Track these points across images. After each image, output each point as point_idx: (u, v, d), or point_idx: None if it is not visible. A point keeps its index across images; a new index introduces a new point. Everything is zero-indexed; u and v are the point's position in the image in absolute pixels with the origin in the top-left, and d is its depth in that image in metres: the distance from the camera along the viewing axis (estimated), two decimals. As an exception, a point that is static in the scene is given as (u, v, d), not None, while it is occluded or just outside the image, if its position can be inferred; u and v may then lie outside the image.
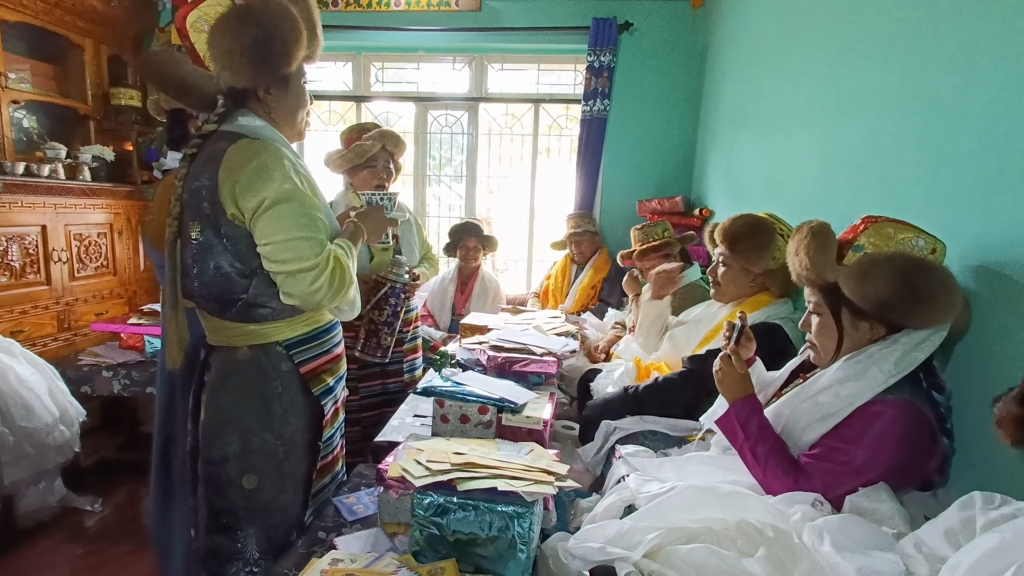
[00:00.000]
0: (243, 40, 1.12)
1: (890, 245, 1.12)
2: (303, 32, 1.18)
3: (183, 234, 1.23)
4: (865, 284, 1.08)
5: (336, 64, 3.89)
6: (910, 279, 1.04)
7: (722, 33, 3.00)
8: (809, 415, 1.15)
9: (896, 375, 1.07)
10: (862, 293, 1.09)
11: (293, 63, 1.20)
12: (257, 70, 1.16)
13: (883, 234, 1.14)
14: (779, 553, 0.92)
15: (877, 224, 1.15)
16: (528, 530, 1.00)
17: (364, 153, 2.14)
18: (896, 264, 1.06)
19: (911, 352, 1.08)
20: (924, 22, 1.35)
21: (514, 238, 4.07)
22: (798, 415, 1.17)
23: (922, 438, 1.05)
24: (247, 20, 1.12)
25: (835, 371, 1.15)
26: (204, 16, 1.12)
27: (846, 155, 1.68)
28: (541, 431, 1.36)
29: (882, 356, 1.09)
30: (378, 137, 2.16)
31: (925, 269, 1.06)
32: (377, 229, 1.47)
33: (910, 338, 1.09)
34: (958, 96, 1.22)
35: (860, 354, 1.12)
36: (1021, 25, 1.06)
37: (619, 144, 3.49)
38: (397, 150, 2.22)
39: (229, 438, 1.25)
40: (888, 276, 1.06)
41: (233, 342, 1.27)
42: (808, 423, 1.15)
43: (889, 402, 1.06)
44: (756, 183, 2.43)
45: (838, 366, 1.15)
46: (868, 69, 1.59)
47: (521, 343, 1.85)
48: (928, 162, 1.31)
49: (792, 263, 1.22)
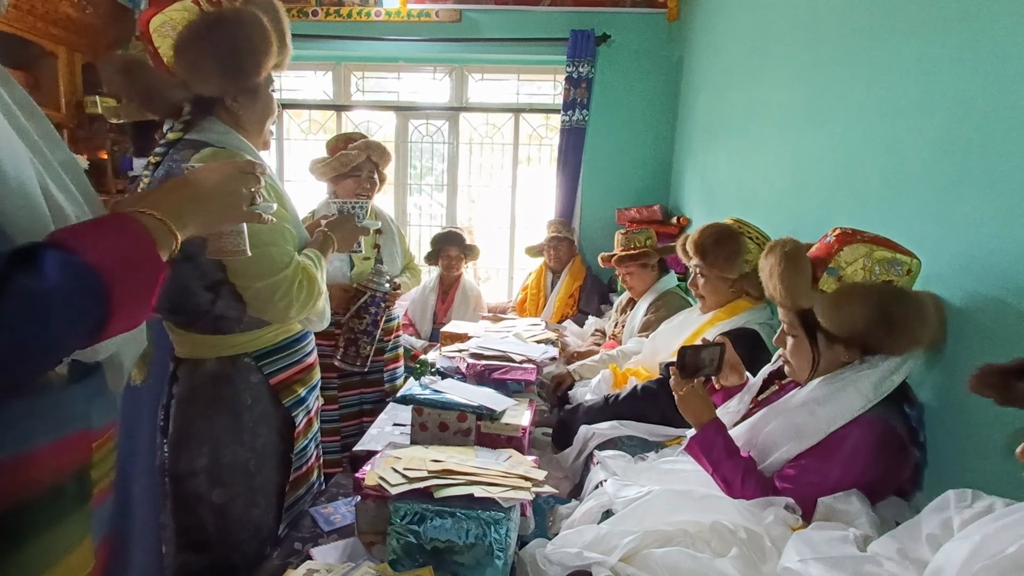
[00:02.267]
0: (213, 50, 1.11)
1: (866, 267, 1.11)
2: (273, 42, 1.17)
3: None
4: (841, 316, 1.07)
5: (316, 73, 3.89)
6: (887, 312, 1.04)
7: (697, 46, 3.06)
8: (784, 433, 1.14)
9: (874, 400, 1.07)
10: (838, 324, 1.08)
11: (263, 72, 1.19)
12: (226, 79, 1.15)
13: (859, 254, 1.11)
14: (750, 553, 0.93)
15: (852, 244, 1.13)
16: (505, 536, 1.00)
17: (348, 162, 2.14)
18: (872, 297, 1.05)
19: (889, 376, 1.08)
20: (886, 36, 1.40)
21: (495, 247, 4.09)
22: (774, 432, 1.17)
23: (893, 453, 1.05)
24: (218, 29, 1.10)
25: (812, 389, 1.14)
26: (169, 21, 1.10)
27: (814, 164, 1.73)
28: (520, 438, 1.36)
29: (860, 379, 1.08)
30: (364, 147, 2.16)
31: (901, 301, 1.05)
32: (348, 239, 1.45)
33: (887, 363, 1.08)
34: (919, 107, 1.27)
35: (838, 377, 1.12)
36: (976, 39, 1.11)
37: (598, 153, 3.54)
38: (382, 161, 2.22)
39: (198, 452, 1.23)
40: (864, 308, 1.05)
41: (201, 354, 1.24)
42: (784, 441, 1.14)
43: (862, 420, 1.06)
44: (729, 192, 2.48)
45: (815, 385, 1.14)
46: (834, 81, 1.64)
47: (501, 350, 1.85)
48: (892, 170, 1.36)
49: (765, 284, 1.21)
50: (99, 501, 0.73)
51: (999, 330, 1.02)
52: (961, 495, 0.82)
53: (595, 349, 2.48)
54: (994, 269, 1.05)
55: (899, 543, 0.85)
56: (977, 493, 0.82)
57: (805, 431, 1.10)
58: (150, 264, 0.64)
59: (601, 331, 2.66)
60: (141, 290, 0.63)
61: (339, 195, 2.18)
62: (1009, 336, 1.00)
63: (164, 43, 1.11)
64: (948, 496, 0.84)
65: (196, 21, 1.11)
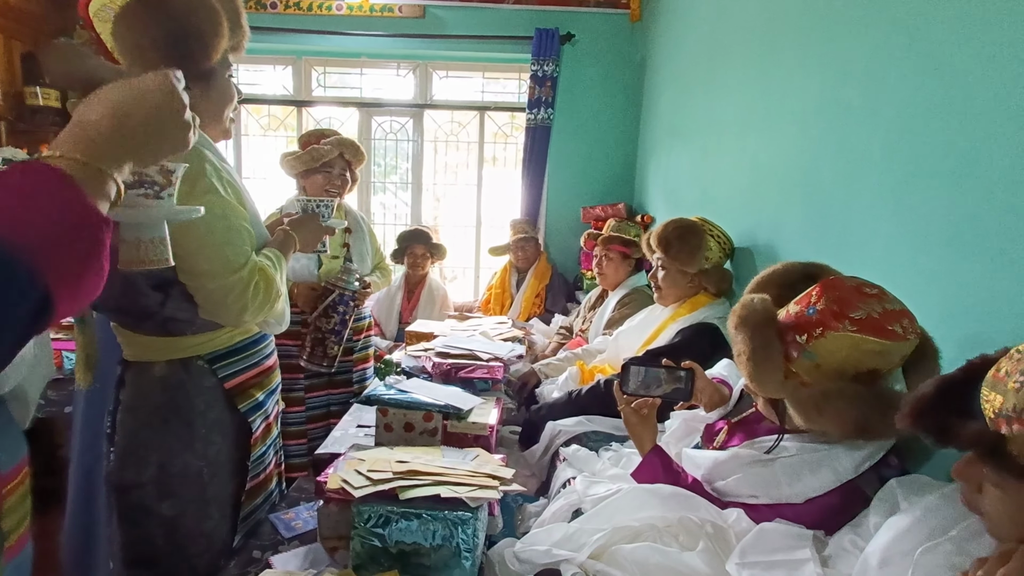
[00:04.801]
0: (152, 34, 1.03)
1: (850, 358, 0.93)
2: (223, 22, 1.10)
3: None
4: (813, 423, 0.97)
5: (275, 68, 3.78)
6: (865, 424, 0.92)
7: (658, 47, 3.11)
8: (753, 487, 1.05)
9: (849, 477, 0.97)
10: (810, 426, 1.00)
11: (214, 56, 1.12)
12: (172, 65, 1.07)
13: (843, 346, 0.93)
14: (716, 547, 0.95)
15: (837, 332, 0.93)
16: (472, 537, 0.98)
17: (319, 157, 2.08)
18: (852, 411, 0.92)
19: (872, 455, 0.97)
20: (836, 39, 1.45)
21: (461, 246, 4.06)
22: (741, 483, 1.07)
23: (856, 509, 0.95)
24: (156, 11, 1.03)
25: (791, 456, 1.02)
26: (109, 4, 1.03)
27: (772, 163, 1.77)
28: (487, 436, 1.35)
29: (840, 457, 0.98)
30: (336, 144, 2.11)
31: (883, 410, 0.89)
32: (311, 238, 1.39)
33: (870, 448, 0.97)
34: (868, 108, 1.31)
35: (817, 452, 1.00)
36: (918, 41, 1.15)
37: (563, 152, 3.56)
38: (355, 160, 2.17)
39: (145, 462, 1.15)
40: (839, 421, 0.94)
41: (149, 357, 1.17)
42: (750, 492, 1.06)
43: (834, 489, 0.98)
44: (692, 191, 2.52)
45: (795, 451, 1.02)
46: (789, 82, 1.68)
47: (467, 349, 1.84)
48: (844, 168, 1.40)
49: (735, 362, 1.07)
50: (12, 554, 0.63)
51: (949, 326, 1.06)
52: (905, 482, 0.86)
53: (561, 344, 2.50)
54: (942, 262, 1.09)
55: (853, 533, 0.87)
56: (922, 478, 0.86)
57: (770, 493, 1.03)
58: (84, 219, 0.51)
59: (567, 329, 2.67)
60: (83, 254, 0.51)
61: (308, 191, 2.13)
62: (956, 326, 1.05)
63: (105, 28, 1.04)
64: (892, 484, 0.87)
65: (132, 4, 1.03)
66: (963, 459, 0.64)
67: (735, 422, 1.23)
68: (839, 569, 0.85)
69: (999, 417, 0.57)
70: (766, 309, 1.02)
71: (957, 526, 0.72)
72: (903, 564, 0.72)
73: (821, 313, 0.95)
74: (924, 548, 0.71)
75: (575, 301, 3.20)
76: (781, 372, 0.98)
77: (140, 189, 0.85)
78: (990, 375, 0.60)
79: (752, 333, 1.00)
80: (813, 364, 0.95)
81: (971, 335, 1.01)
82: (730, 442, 1.20)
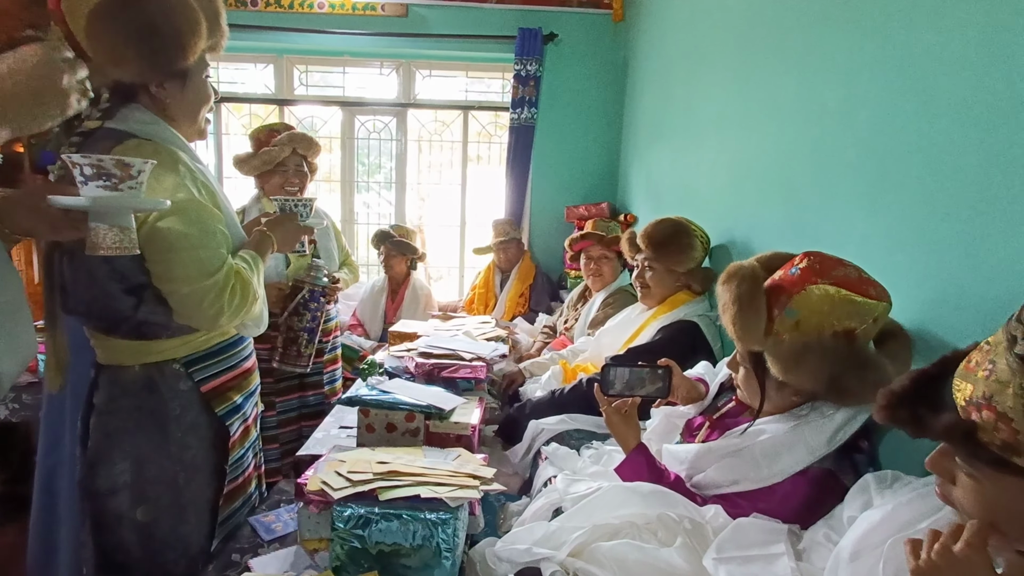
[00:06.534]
0: (127, 32, 1.02)
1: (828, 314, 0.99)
2: (201, 21, 1.08)
3: (60, 244, 1.09)
4: (791, 373, 1.01)
5: (256, 66, 3.74)
6: (839, 379, 0.98)
7: (641, 47, 3.13)
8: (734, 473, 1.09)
9: (823, 452, 1.01)
10: (787, 378, 1.03)
11: (190, 56, 1.10)
12: (147, 64, 1.06)
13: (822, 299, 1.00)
14: (694, 543, 0.96)
15: (817, 286, 1.01)
16: (453, 536, 0.98)
17: (272, 159, 2.05)
18: (827, 363, 0.97)
19: (841, 428, 1.02)
20: (813, 39, 1.47)
21: (447, 245, 4.05)
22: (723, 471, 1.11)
23: (832, 500, 0.99)
24: (132, 9, 1.01)
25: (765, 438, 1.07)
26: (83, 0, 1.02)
27: (751, 163, 1.79)
28: (470, 436, 1.35)
29: (812, 433, 1.03)
30: (287, 141, 2.07)
31: (857, 367, 0.97)
32: (289, 239, 1.38)
33: (840, 415, 1.02)
34: (843, 109, 1.34)
35: (792, 428, 1.05)
36: (892, 44, 1.18)
37: (547, 151, 3.56)
38: (310, 152, 2.13)
39: (119, 467, 1.13)
40: (817, 373, 0.98)
41: (123, 360, 1.15)
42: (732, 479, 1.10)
43: (809, 472, 1.02)
44: (674, 190, 2.54)
45: (767, 436, 1.07)
46: (767, 83, 1.70)
47: (450, 349, 1.83)
48: (820, 168, 1.42)
49: (720, 315, 1.13)
50: None
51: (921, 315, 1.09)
52: (880, 476, 0.87)
53: (546, 343, 2.50)
54: (914, 260, 1.11)
55: (827, 527, 0.89)
56: (896, 474, 0.87)
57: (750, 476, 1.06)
58: None
59: (551, 328, 2.67)
60: None
61: (267, 192, 2.11)
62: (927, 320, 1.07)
63: (78, 24, 1.03)
64: (867, 479, 0.89)
65: (108, 1, 1.01)
66: (936, 451, 0.66)
67: (715, 418, 1.25)
68: (813, 562, 0.87)
69: (970, 405, 0.58)
70: (753, 267, 1.09)
71: (927, 520, 0.74)
72: (874, 556, 0.74)
73: (803, 271, 1.03)
74: (893, 541, 0.72)
75: (559, 300, 3.21)
76: (763, 322, 1.03)
77: (99, 181, 0.92)
78: (962, 366, 0.62)
79: (739, 283, 1.06)
80: (793, 321, 1.02)
81: (943, 329, 1.04)
82: (710, 436, 1.22)
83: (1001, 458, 0.56)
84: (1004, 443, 0.55)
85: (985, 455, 0.57)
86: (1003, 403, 0.55)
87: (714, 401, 1.31)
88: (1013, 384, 0.55)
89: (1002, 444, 0.56)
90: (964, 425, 0.58)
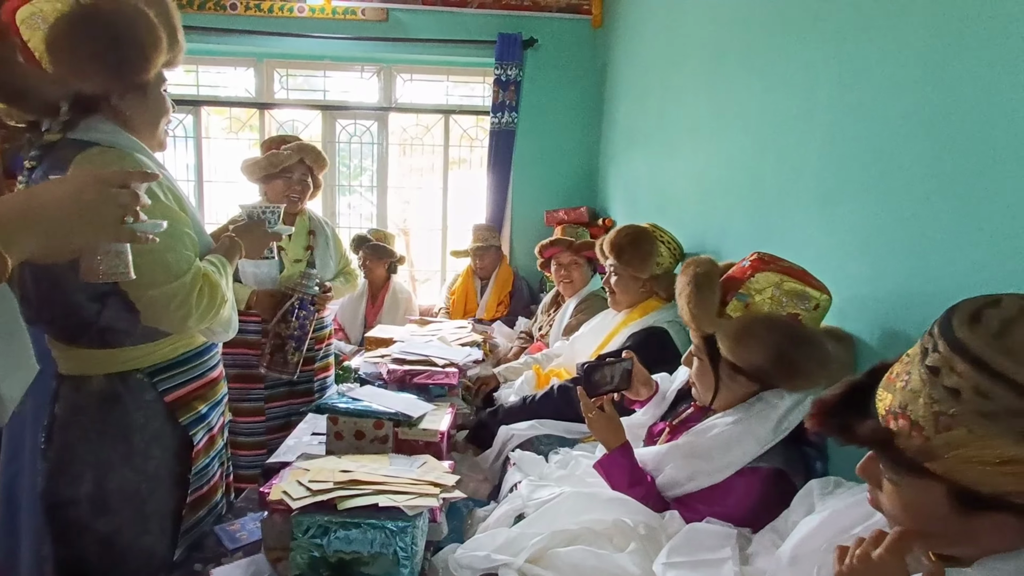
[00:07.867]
0: (91, 46, 1.02)
1: (774, 298, 1.09)
2: (162, 36, 1.10)
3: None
4: (740, 349, 1.07)
5: (237, 69, 3.72)
6: (785, 353, 1.03)
7: (619, 53, 3.16)
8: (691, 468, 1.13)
9: (771, 442, 1.06)
10: (737, 356, 1.08)
11: (151, 69, 1.12)
12: (109, 77, 1.07)
13: (769, 283, 1.10)
14: (647, 547, 0.98)
15: (764, 272, 1.11)
16: (411, 544, 1.00)
17: (279, 163, 2.06)
18: (773, 335, 1.04)
19: (787, 416, 1.07)
20: (774, 49, 1.50)
21: (429, 248, 4.06)
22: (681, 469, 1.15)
23: (784, 500, 1.01)
24: (95, 23, 1.02)
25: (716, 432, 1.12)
26: (39, 13, 1.00)
27: (720, 171, 1.83)
28: (438, 443, 1.36)
29: (758, 422, 1.08)
30: (297, 149, 2.10)
31: (801, 342, 1.04)
32: (257, 245, 1.39)
33: (785, 402, 1.08)
34: (804, 117, 1.37)
35: (738, 423, 1.10)
36: (850, 56, 1.21)
37: (527, 156, 3.59)
38: (316, 165, 2.15)
39: (80, 478, 1.13)
40: (764, 346, 1.04)
41: (86, 371, 1.15)
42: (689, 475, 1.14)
43: (760, 471, 1.05)
44: (649, 195, 2.57)
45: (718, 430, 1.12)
46: (734, 92, 1.74)
47: (424, 355, 1.85)
48: (783, 175, 1.46)
49: (678, 303, 1.19)
50: None
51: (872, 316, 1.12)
52: (824, 483, 0.90)
53: (523, 347, 2.52)
54: (863, 267, 1.15)
55: (773, 532, 0.92)
56: (839, 480, 0.90)
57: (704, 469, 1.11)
58: None
59: (527, 333, 2.69)
60: None
61: (270, 196, 2.12)
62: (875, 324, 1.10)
63: (34, 36, 1.02)
64: (811, 485, 0.91)
65: (70, 14, 1.01)
66: (865, 457, 0.68)
67: (675, 423, 1.28)
68: (759, 566, 0.89)
69: (888, 414, 0.61)
70: (709, 259, 1.19)
71: (861, 525, 0.77)
72: (811, 561, 0.76)
73: (752, 263, 1.14)
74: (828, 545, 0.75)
75: (538, 303, 3.23)
76: (716, 303, 1.12)
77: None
78: (885, 378, 0.65)
79: (695, 266, 1.15)
80: (743, 305, 1.11)
81: (889, 332, 1.08)
82: (671, 441, 1.24)
83: (916, 463, 0.59)
84: (918, 449, 0.58)
85: (903, 461, 0.60)
86: (916, 412, 0.58)
87: (673, 407, 1.34)
88: (923, 394, 0.57)
89: (916, 450, 0.58)
90: (883, 433, 0.61)
